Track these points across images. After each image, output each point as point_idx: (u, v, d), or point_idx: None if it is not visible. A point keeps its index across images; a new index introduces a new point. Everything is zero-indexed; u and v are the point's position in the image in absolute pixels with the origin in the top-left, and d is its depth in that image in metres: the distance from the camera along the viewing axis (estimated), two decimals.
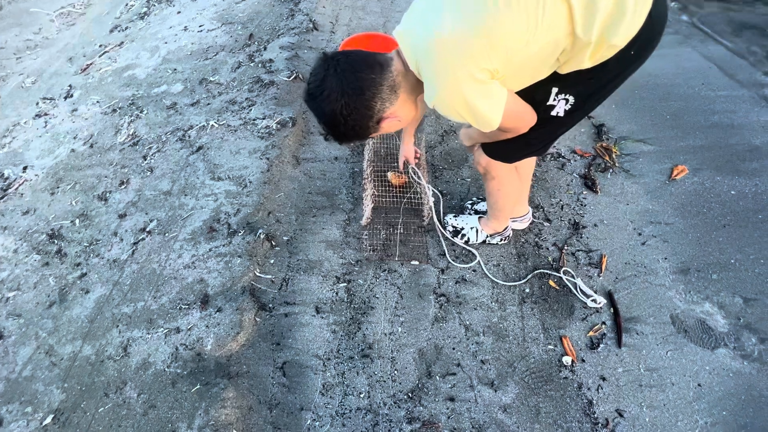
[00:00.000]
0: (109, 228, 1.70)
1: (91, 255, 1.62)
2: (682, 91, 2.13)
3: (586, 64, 0.92)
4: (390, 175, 1.75)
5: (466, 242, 1.56)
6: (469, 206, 1.67)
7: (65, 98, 2.49)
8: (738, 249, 1.54)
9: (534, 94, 1.01)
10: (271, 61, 2.32)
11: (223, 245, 1.55)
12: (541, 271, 1.51)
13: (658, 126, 1.98)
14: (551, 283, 1.48)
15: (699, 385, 1.25)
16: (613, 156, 1.86)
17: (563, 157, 1.88)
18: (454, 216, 1.60)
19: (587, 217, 1.67)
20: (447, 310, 1.42)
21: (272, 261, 1.54)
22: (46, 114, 2.40)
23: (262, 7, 2.85)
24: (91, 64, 2.76)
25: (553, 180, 1.80)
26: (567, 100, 1.01)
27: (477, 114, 0.92)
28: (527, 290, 1.47)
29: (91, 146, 2.10)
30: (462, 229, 1.56)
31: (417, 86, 0.98)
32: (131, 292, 1.47)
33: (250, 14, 2.81)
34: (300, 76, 2.22)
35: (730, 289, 1.45)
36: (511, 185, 1.35)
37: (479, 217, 1.56)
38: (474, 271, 1.52)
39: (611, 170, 1.82)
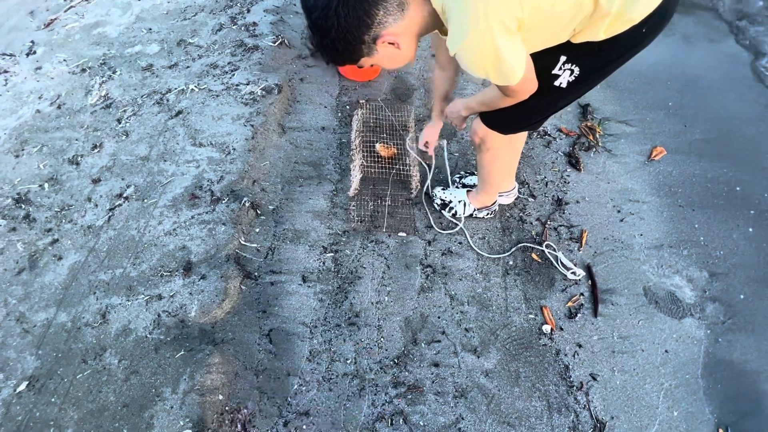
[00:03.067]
0: (82, 193, 1.61)
1: (63, 221, 1.54)
2: (665, 76, 2.18)
3: (600, 36, 0.91)
4: (378, 146, 1.73)
5: (454, 215, 1.58)
6: (457, 180, 1.68)
7: (27, 55, 2.30)
8: (707, 229, 1.63)
9: (542, 61, 0.99)
10: (254, 24, 2.21)
11: (206, 212, 1.50)
12: (525, 244, 1.55)
13: (641, 109, 2.03)
14: (534, 256, 1.53)
15: (666, 351, 1.34)
16: (597, 136, 1.90)
17: (549, 135, 1.90)
18: (442, 189, 1.60)
19: (570, 193, 1.71)
20: (433, 281, 1.45)
21: (257, 230, 1.51)
22: (5, 71, 2.21)
23: None
24: (55, 19, 2.55)
25: (538, 157, 1.82)
26: (572, 71, 1.00)
27: (503, 65, 0.85)
28: (511, 262, 1.51)
29: (59, 107, 1.96)
30: (450, 202, 1.57)
31: (427, 24, 0.90)
32: (108, 259, 1.41)
33: None
34: (285, 41, 2.13)
35: (698, 264, 1.53)
36: (505, 158, 1.37)
37: (467, 191, 1.57)
38: (460, 243, 1.54)
39: (594, 149, 1.86)
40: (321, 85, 2.02)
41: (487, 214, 1.57)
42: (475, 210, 1.56)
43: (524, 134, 1.39)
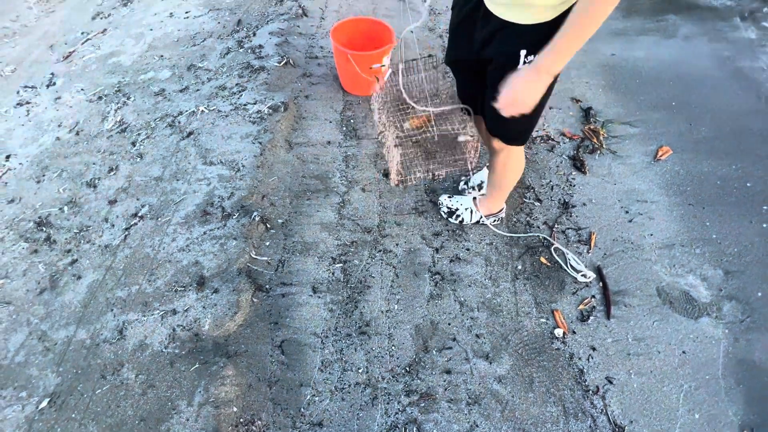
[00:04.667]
0: (99, 214, 1.67)
1: (82, 241, 1.59)
2: (667, 76, 2.18)
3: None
4: (409, 122, 1.60)
5: (461, 222, 1.59)
6: (464, 182, 1.70)
7: (48, 86, 2.43)
8: (719, 226, 1.60)
9: (501, 55, 1.00)
10: (260, 47, 2.29)
11: (218, 228, 1.54)
12: (533, 248, 1.54)
13: (644, 109, 2.03)
14: (542, 259, 1.52)
15: (683, 352, 1.31)
16: (601, 138, 1.90)
17: (553, 140, 1.91)
18: (449, 196, 1.62)
19: (576, 196, 1.71)
20: (442, 288, 1.45)
21: (267, 243, 1.54)
22: (28, 102, 2.33)
23: None
24: (73, 51, 2.69)
25: (543, 162, 1.83)
26: (532, 59, 0.97)
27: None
28: (519, 267, 1.51)
29: (77, 134, 2.05)
30: (456, 210, 1.58)
31: None
32: (125, 277, 1.46)
33: (238, 0, 2.77)
34: (290, 61, 2.21)
35: (712, 262, 1.51)
36: (518, 162, 1.35)
37: (473, 198, 1.58)
38: (467, 249, 1.55)
39: (599, 152, 1.86)
40: (325, 101, 2.08)
41: (494, 221, 1.58)
42: (482, 217, 1.57)
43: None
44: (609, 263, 1.51)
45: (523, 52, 0.96)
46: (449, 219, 1.60)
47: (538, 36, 0.91)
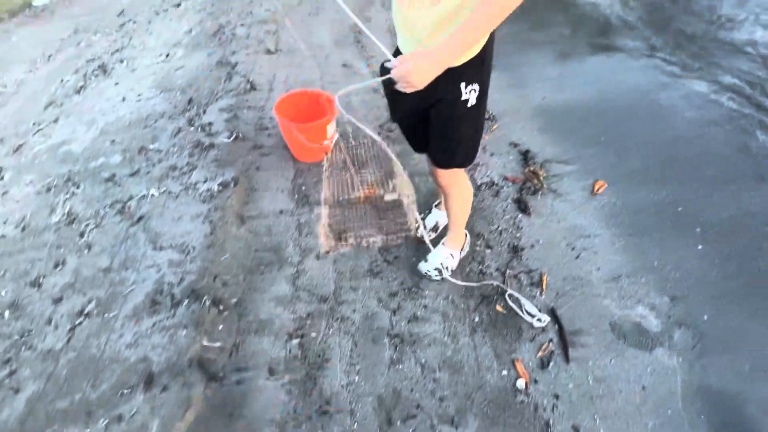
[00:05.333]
0: (43, 316, 1.60)
1: (23, 348, 1.51)
2: (594, 113, 2.36)
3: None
4: (358, 192, 1.67)
5: (451, 272, 1.61)
6: (425, 229, 1.73)
7: None
8: (659, 253, 1.68)
9: (451, 91, 1.09)
10: (210, 124, 2.36)
11: (167, 318, 1.50)
12: (488, 296, 1.56)
13: (577, 147, 2.18)
14: (498, 308, 1.54)
15: (643, 388, 1.32)
16: (541, 178, 2.01)
17: (497, 185, 2.01)
18: (425, 261, 1.61)
19: (524, 239, 1.77)
20: (402, 351, 1.43)
21: (221, 327, 1.50)
22: None
23: (200, 72, 2.93)
24: (23, 143, 2.68)
25: (489, 208, 1.91)
26: (474, 90, 1.09)
27: None
28: (477, 319, 1.52)
29: (23, 229, 2.00)
30: (437, 269, 1.59)
31: None
32: (67, 384, 1.37)
33: (189, 80, 2.88)
34: (240, 135, 2.27)
35: (657, 290, 1.56)
36: (467, 190, 1.46)
37: (442, 244, 1.62)
38: (425, 307, 1.55)
39: (541, 192, 1.96)
40: (277, 170, 2.13)
41: (462, 254, 1.67)
42: (451, 254, 1.61)
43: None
44: (562, 303, 1.54)
45: (462, 84, 1.08)
46: (444, 278, 1.59)
47: (473, 67, 1.05)
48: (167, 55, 3.18)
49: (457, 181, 1.39)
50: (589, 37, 2.94)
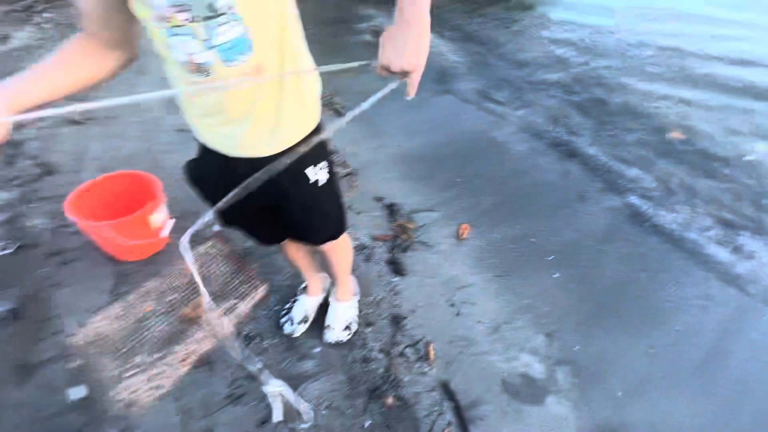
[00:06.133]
0: None
1: None
2: (445, 156, 2.47)
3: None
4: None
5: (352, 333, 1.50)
6: (290, 326, 1.49)
7: None
8: (526, 289, 1.73)
9: (294, 187, 0.98)
10: None
11: None
12: (377, 389, 1.36)
13: (438, 191, 2.21)
14: (389, 400, 1.34)
15: None
16: (410, 232, 1.95)
17: (367, 248, 1.87)
18: (329, 330, 1.48)
19: (404, 305, 1.64)
20: None
21: None
22: None
23: None
24: None
25: (364, 276, 1.74)
26: (322, 167, 1.01)
27: None
28: (368, 423, 1.29)
29: None
30: (346, 328, 1.48)
31: None
32: None
33: None
34: (27, 242, 1.67)
35: (533, 329, 1.58)
36: (346, 237, 1.31)
37: (336, 302, 1.51)
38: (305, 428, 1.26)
39: (411, 247, 1.88)
40: (87, 281, 1.61)
41: (358, 297, 1.61)
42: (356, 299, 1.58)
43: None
44: (454, 372, 1.43)
45: (309, 170, 0.97)
46: (351, 334, 1.50)
47: (313, 147, 0.89)
48: None
49: (335, 242, 1.24)
50: (430, 84, 3.16)
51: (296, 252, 1.35)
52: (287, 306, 1.55)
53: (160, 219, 1.66)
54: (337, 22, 4.17)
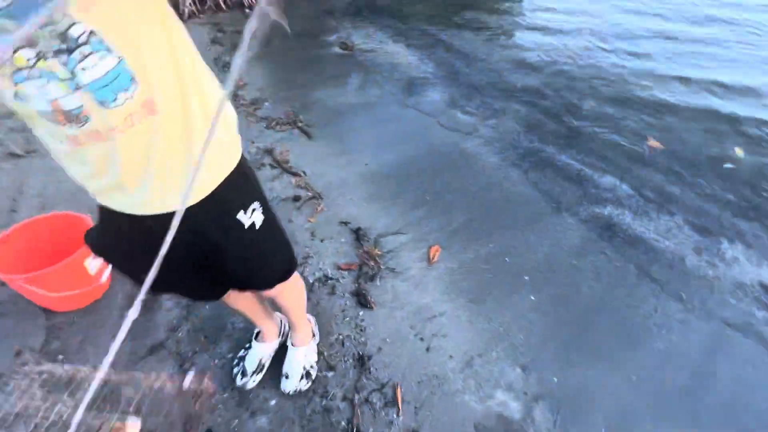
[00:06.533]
0: None
1: None
2: (414, 172, 2.37)
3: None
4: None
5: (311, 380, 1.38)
6: (243, 379, 1.35)
7: None
8: (500, 315, 1.62)
9: (224, 236, 0.86)
10: None
11: None
12: None
13: (407, 211, 2.10)
14: None
15: None
16: (377, 258, 1.83)
17: (331, 279, 1.74)
18: (286, 379, 1.35)
19: (370, 342, 1.52)
20: None
21: None
22: None
23: None
24: None
25: (326, 311, 1.61)
26: (254, 209, 0.89)
27: None
28: None
29: None
30: (305, 374, 1.36)
31: None
32: None
33: None
34: None
35: (508, 362, 1.47)
36: (297, 277, 1.19)
37: (294, 349, 1.38)
38: None
39: (379, 275, 1.76)
40: (12, 339, 1.44)
41: (318, 342, 1.48)
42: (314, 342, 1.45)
43: None
44: (423, 419, 1.31)
45: (240, 215, 0.85)
46: (311, 381, 1.37)
47: (237, 189, 0.84)
48: None
49: (287, 281, 1.11)
50: (399, 95, 3.07)
51: (242, 300, 1.21)
52: (240, 354, 1.41)
53: (97, 264, 1.51)
54: (305, 35, 4.07)
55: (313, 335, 1.46)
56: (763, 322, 1.61)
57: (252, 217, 0.88)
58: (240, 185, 0.85)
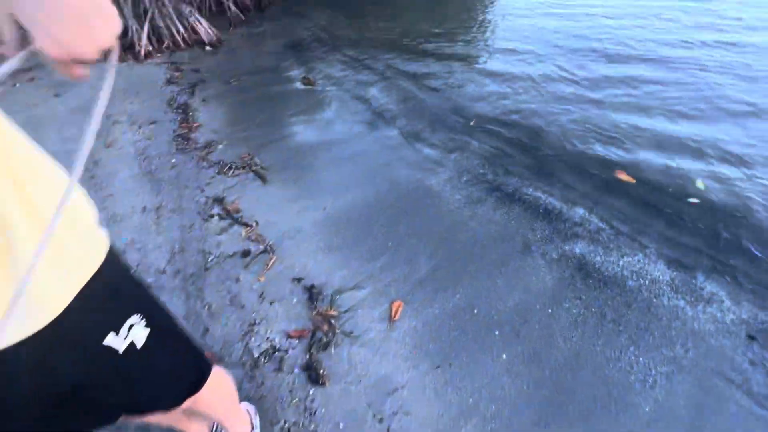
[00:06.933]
0: None
1: None
2: (374, 214, 2.22)
3: None
4: None
5: None
6: None
7: None
8: (470, 382, 1.45)
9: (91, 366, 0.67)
10: None
11: None
12: None
13: (366, 261, 1.94)
14: None
15: None
16: (332, 321, 1.65)
17: (279, 350, 1.54)
18: None
19: (321, 429, 1.31)
20: None
21: None
22: None
23: None
24: None
25: (272, 392, 1.41)
26: (135, 324, 0.70)
27: None
28: None
29: None
30: None
31: None
32: None
33: None
34: None
35: None
36: (217, 371, 0.96)
37: None
38: None
39: (333, 342, 1.58)
40: None
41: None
42: None
43: None
44: None
45: (109, 338, 0.66)
46: None
47: (103, 304, 0.67)
48: None
49: (201, 393, 0.91)
50: (361, 131, 2.96)
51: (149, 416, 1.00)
52: None
53: None
54: (268, 71, 3.98)
55: (252, 429, 1.25)
56: (749, 365, 1.49)
57: (129, 336, 0.69)
58: (105, 298, 0.67)
